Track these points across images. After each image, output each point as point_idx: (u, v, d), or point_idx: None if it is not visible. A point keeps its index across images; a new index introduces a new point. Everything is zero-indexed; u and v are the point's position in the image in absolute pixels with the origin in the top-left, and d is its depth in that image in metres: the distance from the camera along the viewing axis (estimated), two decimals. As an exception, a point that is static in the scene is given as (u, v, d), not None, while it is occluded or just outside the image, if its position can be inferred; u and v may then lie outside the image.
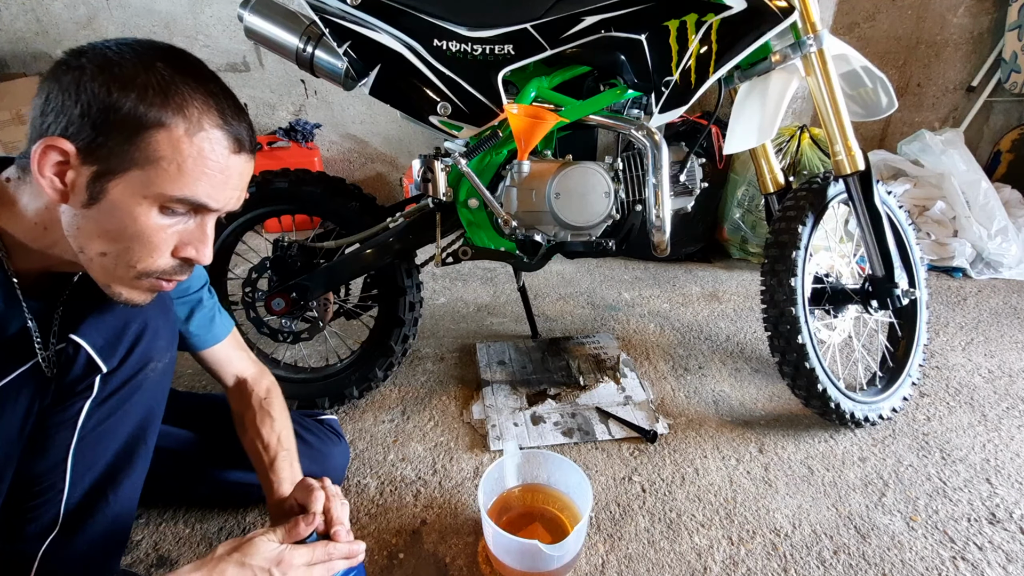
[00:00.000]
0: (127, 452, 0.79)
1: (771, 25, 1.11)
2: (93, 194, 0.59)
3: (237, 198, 0.67)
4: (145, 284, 0.66)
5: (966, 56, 2.67)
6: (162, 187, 0.60)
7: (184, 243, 0.65)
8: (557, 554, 0.89)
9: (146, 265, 0.64)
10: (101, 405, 0.74)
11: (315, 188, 1.30)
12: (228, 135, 0.63)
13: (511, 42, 1.12)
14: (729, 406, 1.41)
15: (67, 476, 0.73)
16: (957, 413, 1.39)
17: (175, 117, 0.59)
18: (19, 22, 2.47)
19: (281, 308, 1.31)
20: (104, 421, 0.75)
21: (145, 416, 0.80)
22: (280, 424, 0.94)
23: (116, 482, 0.78)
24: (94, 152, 0.58)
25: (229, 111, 0.63)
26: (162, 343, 0.79)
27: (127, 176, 0.59)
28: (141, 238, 0.62)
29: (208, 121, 0.61)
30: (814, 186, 1.29)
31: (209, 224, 0.66)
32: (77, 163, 0.58)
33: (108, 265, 0.64)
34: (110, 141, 0.58)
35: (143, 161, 0.59)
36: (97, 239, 0.62)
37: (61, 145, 0.57)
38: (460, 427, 1.34)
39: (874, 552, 1.01)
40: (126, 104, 0.57)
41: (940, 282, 2.12)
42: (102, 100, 0.57)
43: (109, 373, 0.73)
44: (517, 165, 1.21)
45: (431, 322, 1.85)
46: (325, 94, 2.69)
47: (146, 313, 0.76)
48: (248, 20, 1.18)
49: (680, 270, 2.26)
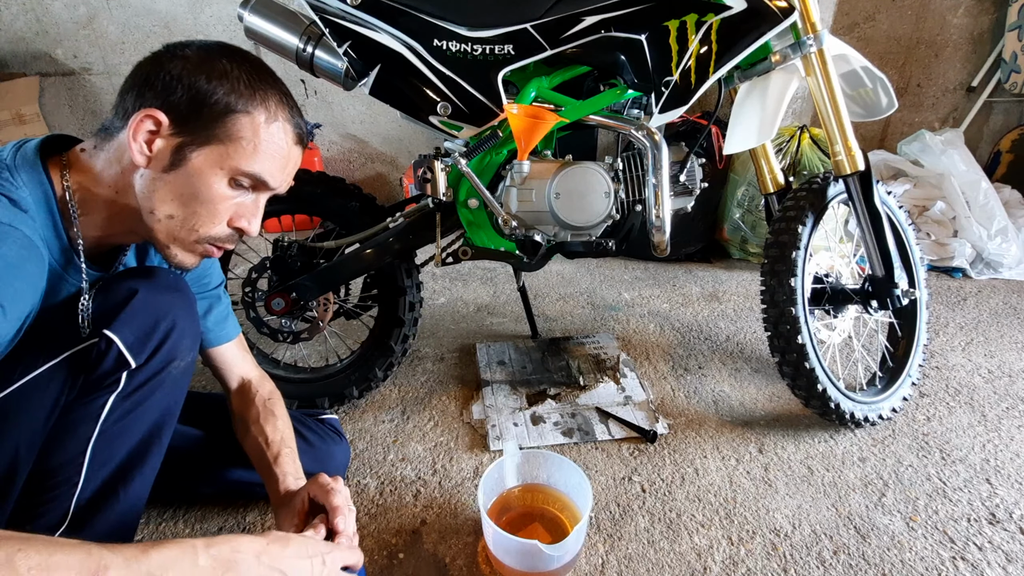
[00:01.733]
0: (142, 449, 0.80)
1: (771, 25, 1.11)
2: (176, 160, 0.69)
3: (288, 182, 0.78)
4: (199, 249, 0.75)
5: (966, 56, 2.67)
6: (238, 161, 0.70)
7: (239, 215, 0.75)
8: (557, 554, 0.90)
9: (207, 230, 0.73)
10: (125, 400, 0.76)
11: (315, 188, 1.30)
12: (294, 128, 0.75)
13: (511, 42, 1.12)
14: (729, 406, 1.41)
15: (83, 471, 0.74)
16: (957, 413, 1.39)
17: (259, 107, 0.71)
18: (19, 22, 2.47)
19: (281, 308, 1.31)
20: (125, 416, 0.76)
21: (163, 414, 0.82)
22: (283, 423, 0.95)
23: (128, 479, 0.79)
24: (185, 125, 0.68)
25: (295, 110, 0.76)
26: (187, 342, 0.81)
27: (209, 148, 0.69)
28: (209, 204, 0.71)
29: (282, 114, 0.73)
30: (814, 186, 1.29)
31: (262, 200, 0.77)
32: (168, 133, 0.68)
33: (174, 228, 0.72)
34: (201, 118, 0.68)
35: (225, 138, 0.69)
36: (170, 201, 0.71)
37: (157, 116, 0.67)
38: (460, 427, 1.34)
39: (874, 552, 1.01)
40: (219, 91, 0.68)
41: (940, 282, 2.12)
42: (201, 86, 0.68)
43: (136, 368, 0.75)
44: (517, 165, 1.21)
45: (431, 322, 1.85)
46: (325, 94, 2.69)
47: (175, 312, 0.78)
48: (248, 20, 1.18)
49: (680, 270, 2.26)
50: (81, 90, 2.60)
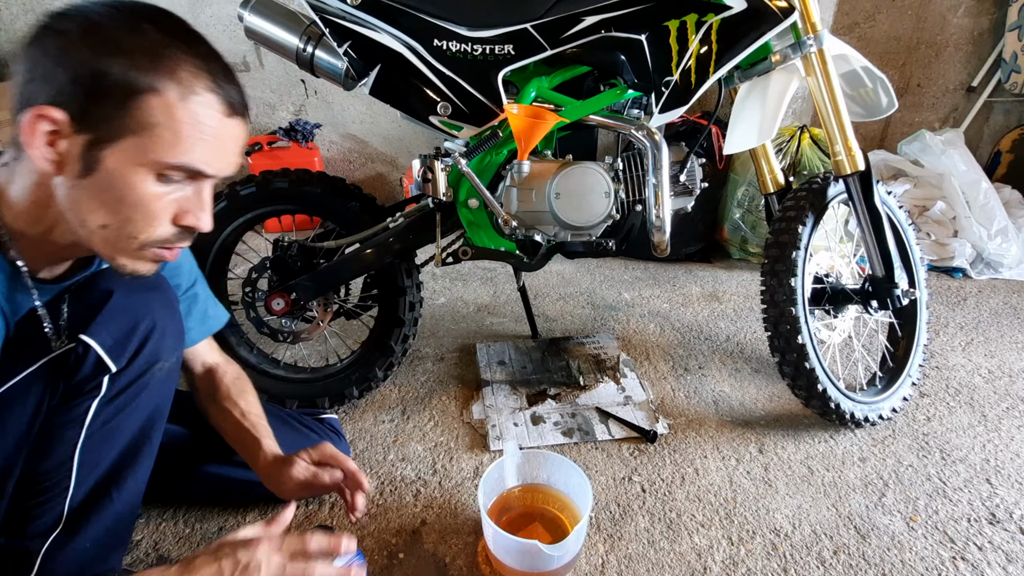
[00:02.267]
0: (132, 451, 0.80)
1: (771, 25, 1.11)
2: (88, 164, 0.58)
3: (233, 163, 0.66)
4: (148, 254, 0.66)
5: (966, 56, 2.66)
6: (158, 154, 0.59)
7: (183, 211, 0.65)
8: (557, 554, 0.90)
9: (147, 235, 0.63)
10: (109, 404, 0.74)
11: (315, 188, 1.30)
12: (221, 99, 0.62)
13: (511, 42, 1.12)
14: (729, 406, 1.41)
15: (73, 474, 0.74)
16: (957, 413, 1.39)
17: (167, 81, 0.57)
18: (19, 22, 2.47)
19: (281, 308, 1.31)
20: (111, 420, 0.75)
21: (151, 415, 0.81)
22: (255, 399, 0.94)
23: (120, 481, 0.79)
24: (86, 119, 0.57)
25: (220, 74, 0.62)
26: (170, 343, 0.79)
27: (122, 144, 0.58)
28: (140, 207, 0.61)
29: (200, 85, 0.59)
30: (814, 186, 1.29)
31: (206, 191, 0.66)
32: (69, 131, 0.57)
33: (110, 237, 0.63)
34: (102, 108, 0.56)
35: (137, 128, 0.57)
36: (96, 211, 0.61)
37: (50, 113, 0.56)
38: (460, 427, 1.34)
39: (874, 552, 1.01)
40: (115, 69, 0.55)
41: (940, 282, 2.11)
42: (90, 65, 0.55)
43: (118, 372, 0.73)
44: (517, 165, 1.21)
45: (431, 322, 1.85)
46: (325, 94, 2.69)
47: (155, 313, 0.76)
48: (248, 20, 1.18)
49: (680, 270, 2.26)
50: (81, 90, 2.60)
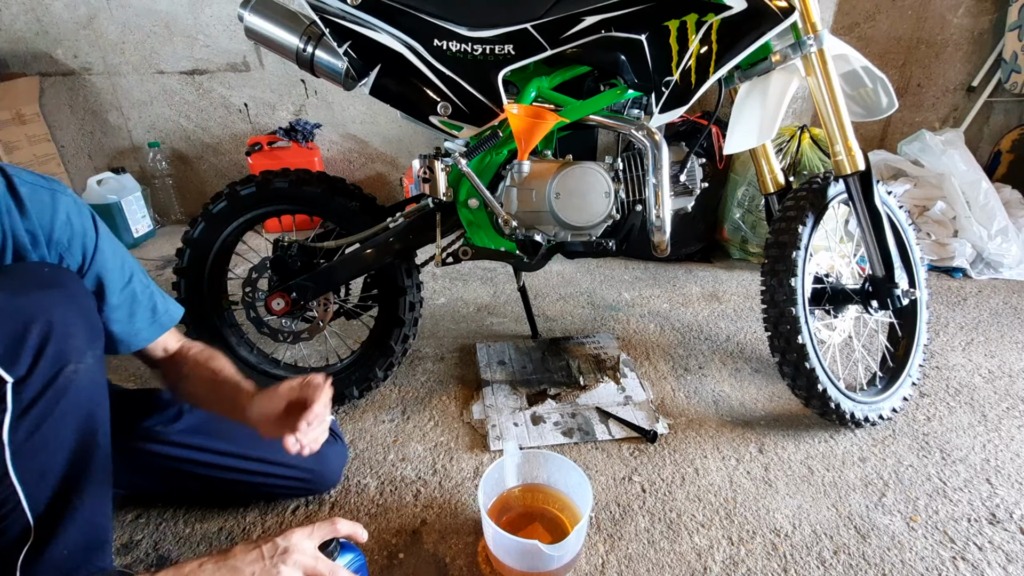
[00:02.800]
0: (81, 457, 0.76)
1: (771, 25, 1.11)
2: None
3: None
4: None
5: (966, 56, 2.66)
6: None
7: None
8: (557, 554, 0.90)
9: None
10: (23, 417, 0.69)
11: (315, 188, 1.30)
12: None
13: (511, 42, 1.12)
14: (729, 406, 1.41)
15: (18, 489, 0.70)
16: (957, 413, 1.39)
17: None
18: (19, 22, 2.47)
19: (281, 308, 1.31)
20: (35, 432, 0.70)
21: (86, 419, 0.76)
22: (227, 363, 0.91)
23: (79, 487, 0.75)
24: None
25: None
26: (77, 343, 0.73)
27: None
28: None
29: None
30: (814, 186, 1.29)
31: None
32: None
33: None
34: None
35: None
36: None
37: None
38: (460, 427, 1.34)
39: (874, 552, 1.01)
40: None
41: (940, 282, 2.11)
42: None
43: (19, 382, 0.68)
44: (517, 165, 1.21)
45: (431, 322, 1.85)
46: (325, 94, 2.69)
47: (51, 312, 0.70)
48: (248, 20, 1.18)
49: (680, 270, 2.26)
50: (81, 90, 2.60)
